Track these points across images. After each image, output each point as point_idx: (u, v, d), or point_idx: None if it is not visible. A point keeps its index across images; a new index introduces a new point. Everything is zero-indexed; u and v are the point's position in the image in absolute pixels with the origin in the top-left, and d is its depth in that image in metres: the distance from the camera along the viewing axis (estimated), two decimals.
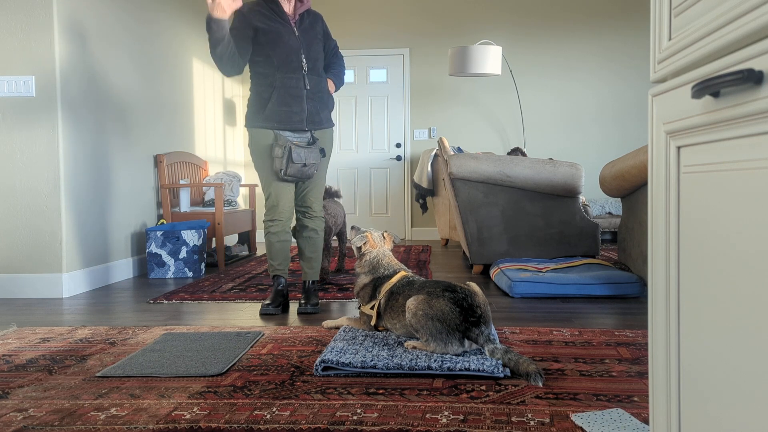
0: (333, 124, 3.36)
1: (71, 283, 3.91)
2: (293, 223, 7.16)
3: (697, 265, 0.88)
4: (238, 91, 7.18)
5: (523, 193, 4.26)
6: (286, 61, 3.09)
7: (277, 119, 3.11)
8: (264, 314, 3.20)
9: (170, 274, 4.55)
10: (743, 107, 0.73)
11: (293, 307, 3.37)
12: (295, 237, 3.39)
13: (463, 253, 5.65)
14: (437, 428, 1.68)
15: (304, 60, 3.12)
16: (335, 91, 3.39)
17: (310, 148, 3.12)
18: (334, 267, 4.74)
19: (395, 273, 2.69)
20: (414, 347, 2.33)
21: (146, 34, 4.95)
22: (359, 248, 2.79)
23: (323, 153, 3.23)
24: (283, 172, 3.08)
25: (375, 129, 7.15)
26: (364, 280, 2.74)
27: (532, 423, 1.70)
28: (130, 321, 3.14)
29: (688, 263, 0.91)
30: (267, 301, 3.22)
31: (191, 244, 4.57)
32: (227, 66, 3.03)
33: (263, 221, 3.26)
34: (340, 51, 3.42)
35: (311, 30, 3.20)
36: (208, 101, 6.25)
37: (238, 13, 3.09)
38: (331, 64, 3.37)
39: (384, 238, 2.84)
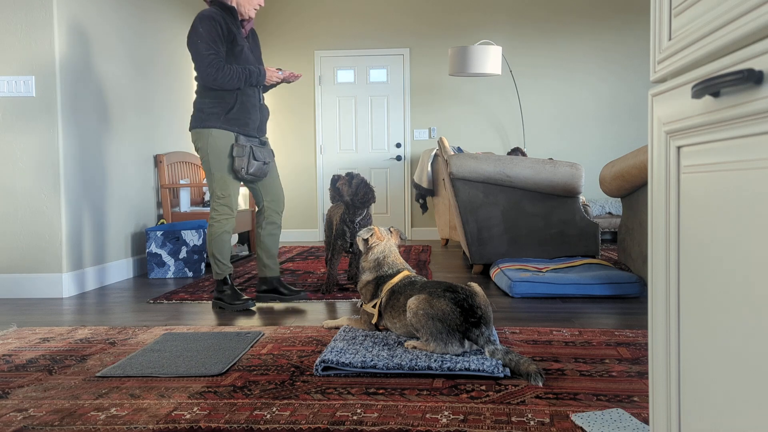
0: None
1: (71, 283, 3.91)
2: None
3: (697, 265, 0.88)
4: None
5: (523, 193, 4.26)
6: None
7: (237, 124, 3.28)
8: (249, 308, 3.33)
9: (170, 274, 4.55)
10: (743, 107, 0.73)
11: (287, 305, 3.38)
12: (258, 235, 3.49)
13: (463, 253, 5.65)
14: (437, 428, 1.68)
15: None
16: None
17: (265, 147, 3.38)
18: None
19: (398, 272, 2.68)
20: (414, 347, 2.34)
21: (147, 34, 4.95)
22: (366, 240, 2.79)
23: (273, 154, 3.46)
24: (244, 170, 3.23)
25: (375, 129, 7.15)
26: (367, 277, 2.74)
27: (532, 423, 1.70)
28: (130, 321, 3.14)
29: (688, 263, 0.91)
30: (238, 301, 3.33)
31: (191, 244, 4.57)
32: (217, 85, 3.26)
33: (215, 221, 3.31)
34: None
35: (256, 47, 3.47)
36: None
37: (213, 19, 3.15)
38: None
39: (391, 232, 2.84)
